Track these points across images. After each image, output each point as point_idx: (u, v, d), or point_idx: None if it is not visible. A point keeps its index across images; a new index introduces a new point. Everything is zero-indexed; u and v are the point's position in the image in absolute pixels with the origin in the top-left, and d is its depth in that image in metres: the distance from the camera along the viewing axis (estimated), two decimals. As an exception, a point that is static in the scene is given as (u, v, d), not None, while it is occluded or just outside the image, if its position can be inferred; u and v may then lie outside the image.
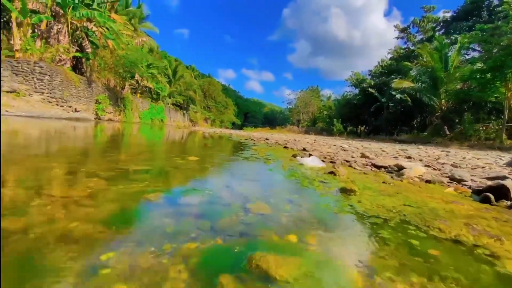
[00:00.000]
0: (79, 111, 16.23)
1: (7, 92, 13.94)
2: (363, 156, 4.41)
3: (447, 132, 18.12)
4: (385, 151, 7.15)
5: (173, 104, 37.40)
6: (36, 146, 3.28)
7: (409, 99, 22.61)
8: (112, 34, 19.04)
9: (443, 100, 19.29)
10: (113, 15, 20.03)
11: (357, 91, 30.09)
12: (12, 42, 15.08)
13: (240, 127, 60.68)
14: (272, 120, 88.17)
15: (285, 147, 6.05)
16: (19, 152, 2.59)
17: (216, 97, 55.71)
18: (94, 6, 18.77)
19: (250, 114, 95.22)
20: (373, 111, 25.74)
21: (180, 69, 40.41)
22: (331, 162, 3.61)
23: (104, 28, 18.93)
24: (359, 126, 25.70)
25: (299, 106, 47.69)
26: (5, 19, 15.62)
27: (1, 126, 6.12)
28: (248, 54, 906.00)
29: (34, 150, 2.94)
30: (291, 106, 52.81)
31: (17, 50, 14.99)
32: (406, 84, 20.82)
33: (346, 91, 34.67)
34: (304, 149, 5.45)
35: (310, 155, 4.17)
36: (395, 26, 30.47)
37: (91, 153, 3.22)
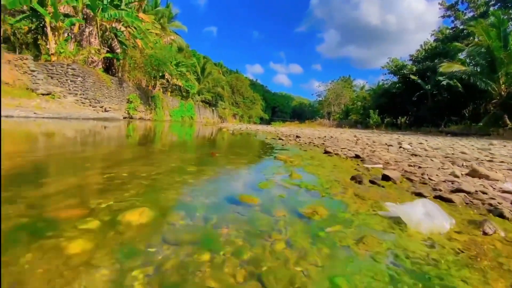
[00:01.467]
0: (108, 110, 15.77)
1: (43, 94, 13.79)
2: (475, 173, 2.39)
3: (508, 122, 14.55)
4: (465, 153, 4.88)
5: (202, 101, 36.76)
6: None
7: (459, 84, 18.75)
8: (139, 34, 18.35)
9: (503, 85, 15.64)
10: (140, 14, 19.33)
11: (395, 79, 26.22)
12: (48, 46, 14.98)
13: (268, 122, 58.66)
14: (301, 114, 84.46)
15: (326, 151, 4.16)
16: None
17: (244, 93, 54.20)
18: (122, 6, 18.15)
19: (278, 109, 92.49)
20: (415, 100, 22.02)
21: (208, 66, 39.56)
22: (440, 197, 1.72)
23: (132, 28, 18.29)
24: (399, 117, 22.24)
25: (330, 98, 44.14)
26: (41, 24, 15.55)
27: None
28: (275, 48, 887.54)
29: None
30: (321, 99, 49.26)
31: (52, 54, 14.85)
32: (457, 67, 17.11)
33: (381, 80, 30.77)
34: (357, 157, 3.52)
35: (396, 184, 2.27)
36: (440, 4, 25.74)
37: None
